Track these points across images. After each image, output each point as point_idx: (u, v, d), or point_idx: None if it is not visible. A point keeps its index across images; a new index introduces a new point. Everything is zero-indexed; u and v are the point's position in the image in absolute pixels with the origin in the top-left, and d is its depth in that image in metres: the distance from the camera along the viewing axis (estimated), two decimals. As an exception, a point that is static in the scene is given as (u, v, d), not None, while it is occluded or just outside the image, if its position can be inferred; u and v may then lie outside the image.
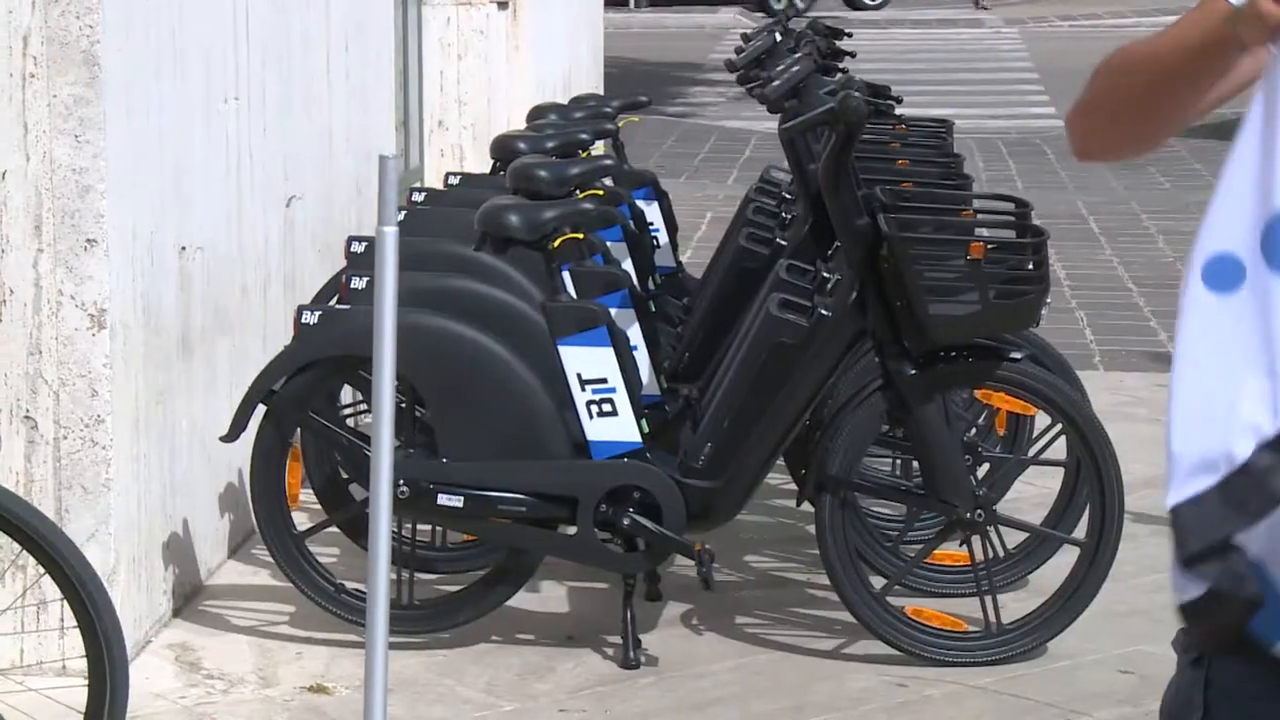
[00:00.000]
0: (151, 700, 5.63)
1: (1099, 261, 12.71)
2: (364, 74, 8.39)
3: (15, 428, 5.62)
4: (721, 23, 31.98)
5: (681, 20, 34.76)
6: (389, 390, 3.60)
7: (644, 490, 6.01)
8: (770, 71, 6.95)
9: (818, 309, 6.02)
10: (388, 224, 3.52)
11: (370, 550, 3.64)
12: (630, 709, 5.76)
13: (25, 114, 5.52)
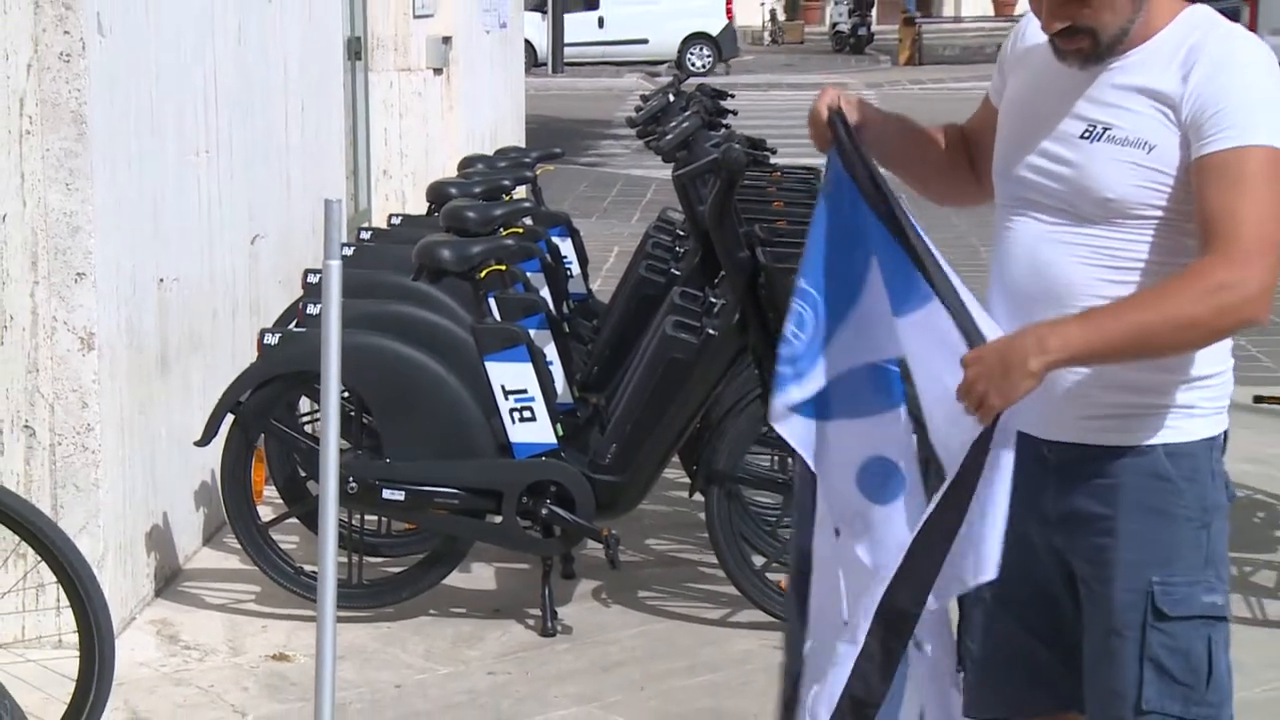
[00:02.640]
0: (136, 669, 5.60)
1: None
2: (318, 130, 8.35)
3: (16, 435, 5.57)
4: (626, 86, 32.03)
5: (592, 84, 34.84)
6: (335, 399, 3.57)
7: (559, 485, 6.01)
8: (664, 127, 6.94)
9: (706, 329, 6.02)
10: (333, 258, 3.51)
11: (320, 537, 3.61)
12: (548, 671, 5.75)
13: (22, 165, 5.47)
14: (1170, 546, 3.15)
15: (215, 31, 6.72)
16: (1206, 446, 3.19)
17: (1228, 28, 3.10)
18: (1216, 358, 3.16)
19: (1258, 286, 2.91)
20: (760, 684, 5.61)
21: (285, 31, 7.69)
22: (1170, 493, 3.14)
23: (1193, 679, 3.15)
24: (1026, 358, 2.90)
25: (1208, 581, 3.16)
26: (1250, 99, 2.97)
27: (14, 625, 5.06)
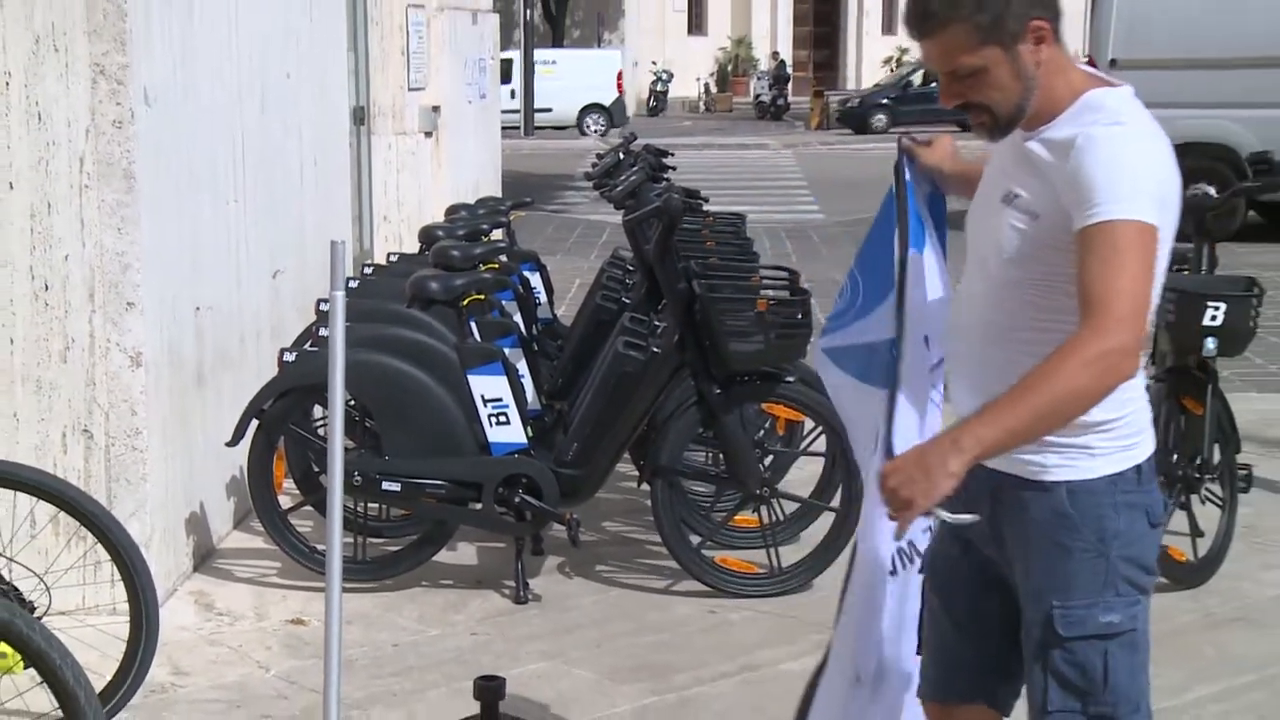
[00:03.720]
0: (177, 632, 5.58)
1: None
2: (328, 183, 8.33)
3: (76, 438, 5.55)
4: (585, 146, 32.02)
5: (557, 145, 34.88)
6: (340, 407, 3.56)
7: (529, 477, 6.01)
8: (616, 180, 6.95)
9: (651, 348, 6.03)
10: (338, 290, 3.51)
11: (329, 521, 3.60)
12: (521, 632, 5.75)
13: (82, 213, 5.45)
14: (1068, 576, 3.08)
15: (242, 101, 6.71)
16: (1110, 483, 3.08)
17: (1115, 111, 2.99)
18: (1116, 404, 3.02)
19: (1130, 349, 2.85)
20: (698, 643, 5.63)
21: (301, 101, 7.68)
22: (1068, 528, 3.07)
23: (1090, 686, 3.10)
24: (946, 460, 2.81)
25: (1106, 602, 3.07)
26: (1119, 175, 2.87)
27: (75, 596, 5.03)
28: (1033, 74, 2.99)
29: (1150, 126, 3.01)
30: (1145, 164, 2.93)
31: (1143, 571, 3.15)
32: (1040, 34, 2.97)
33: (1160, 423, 6.25)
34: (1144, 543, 3.14)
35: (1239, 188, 7.63)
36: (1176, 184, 3.01)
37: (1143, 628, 3.17)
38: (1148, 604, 3.18)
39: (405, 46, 11.27)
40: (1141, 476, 3.13)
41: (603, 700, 5.12)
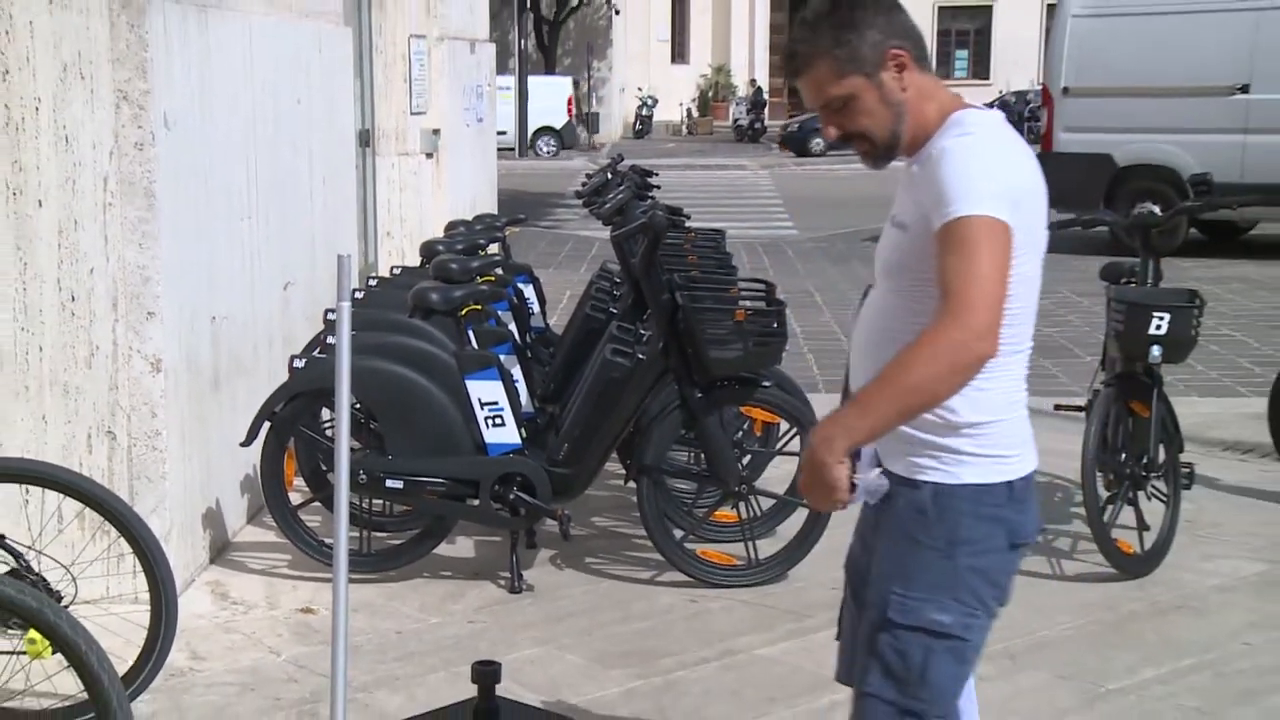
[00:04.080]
0: (194, 619, 5.58)
1: (820, 322, 12.82)
2: (336, 201, 8.34)
3: (100, 439, 5.55)
4: (576, 167, 32.00)
5: (549, 165, 34.91)
6: (346, 410, 3.57)
7: (523, 475, 6.01)
8: (604, 198, 6.97)
9: (637, 355, 6.05)
10: (344, 301, 3.52)
11: (336, 516, 3.60)
12: (516, 620, 5.75)
13: (106, 230, 5.45)
14: (913, 568, 3.03)
15: (256, 125, 6.71)
16: (974, 492, 3.01)
17: (970, 125, 2.96)
18: (985, 408, 2.99)
19: (981, 331, 2.79)
20: (680, 630, 5.63)
21: (311, 125, 7.69)
22: (923, 525, 3.02)
23: (907, 677, 3.02)
24: (824, 459, 2.87)
25: (941, 602, 3.00)
26: (968, 177, 2.84)
27: (100, 586, 5.03)
28: (899, 99, 2.98)
29: (1002, 137, 2.98)
30: (992, 167, 2.90)
31: (989, 586, 3.06)
32: (899, 61, 2.96)
33: (1110, 425, 6.29)
34: (997, 559, 3.06)
35: (1181, 207, 7.67)
36: (1031, 187, 2.98)
37: (975, 643, 3.09)
38: (987, 624, 3.10)
39: (407, 74, 11.27)
40: (1013, 494, 3.05)
41: (592, 684, 5.12)
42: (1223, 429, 8.71)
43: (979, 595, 3.04)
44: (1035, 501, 3.15)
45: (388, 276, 8.09)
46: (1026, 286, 2.98)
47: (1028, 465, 3.09)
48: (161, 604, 4.66)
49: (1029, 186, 2.97)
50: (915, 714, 3.05)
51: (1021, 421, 3.09)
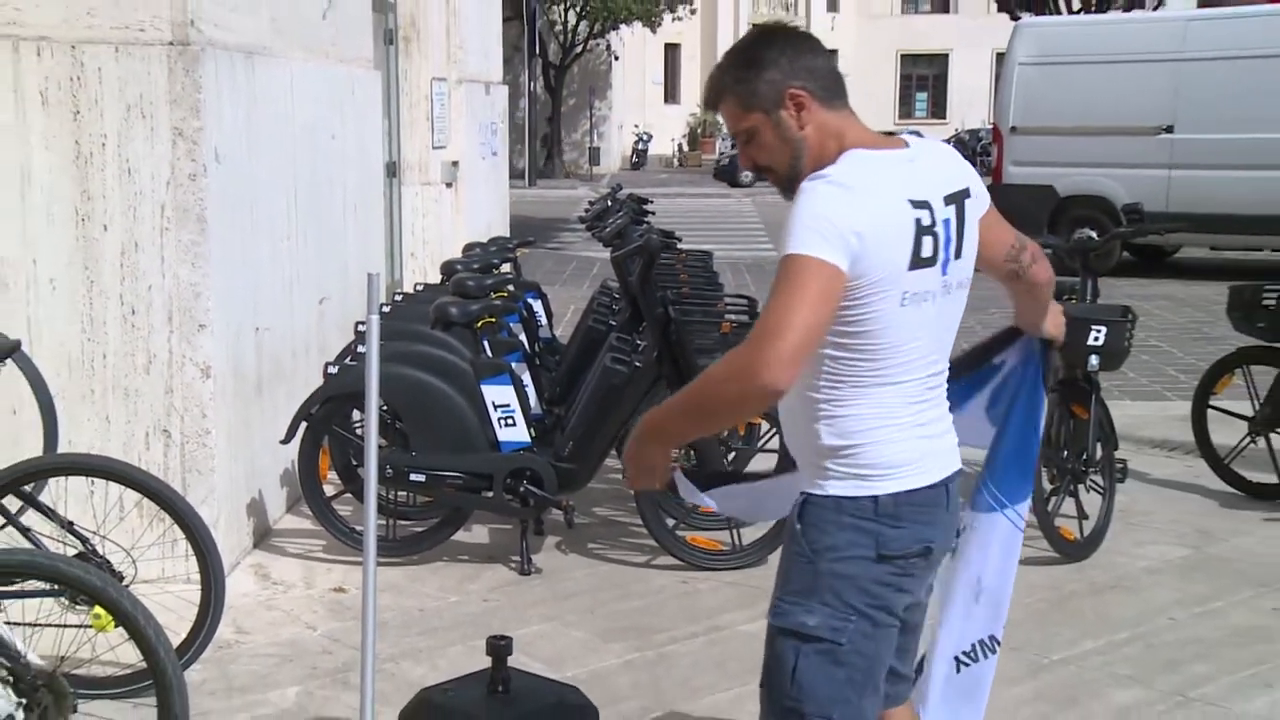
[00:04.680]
0: (240, 598, 5.57)
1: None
2: (366, 225, 8.33)
3: (157, 437, 5.55)
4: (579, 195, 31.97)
5: (557, 193, 34.86)
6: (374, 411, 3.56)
7: (532, 470, 6.00)
8: (605, 223, 6.97)
9: (634, 362, 6.04)
10: (373, 314, 3.52)
11: (365, 506, 3.60)
12: (526, 599, 5.74)
13: (163, 251, 5.46)
14: (789, 573, 2.92)
15: (296, 158, 6.71)
16: (836, 503, 2.86)
17: (833, 167, 2.79)
18: (846, 434, 2.86)
19: (769, 360, 2.62)
20: (672, 608, 5.62)
21: (344, 157, 7.68)
22: (792, 533, 2.92)
23: (780, 677, 2.90)
24: (638, 450, 2.98)
25: (807, 605, 2.86)
26: (805, 217, 2.71)
27: (156, 568, 5.03)
28: (797, 136, 2.87)
29: (851, 179, 2.75)
30: (831, 210, 2.70)
31: (859, 593, 2.87)
32: (798, 100, 2.84)
33: (1053, 425, 6.29)
34: (862, 566, 2.87)
35: (1115, 233, 7.69)
36: (883, 227, 2.73)
37: (851, 646, 2.88)
38: (865, 629, 2.88)
39: (430, 113, 11.27)
40: (879, 508, 2.87)
41: (594, 656, 5.12)
42: (1152, 429, 8.73)
43: (846, 600, 2.87)
44: (929, 518, 2.93)
45: (412, 292, 8.09)
46: (889, 322, 2.79)
47: (904, 484, 2.89)
48: (211, 584, 4.66)
49: (878, 227, 2.72)
50: (793, 713, 2.91)
51: (898, 444, 2.89)
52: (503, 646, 4.39)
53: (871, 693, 2.94)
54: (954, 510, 3.03)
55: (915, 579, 2.96)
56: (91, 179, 5.40)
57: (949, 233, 2.85)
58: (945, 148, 3.01)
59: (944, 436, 3.01)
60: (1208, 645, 5.32)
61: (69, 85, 5.36)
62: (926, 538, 2.93)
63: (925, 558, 2.95)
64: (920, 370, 2.90)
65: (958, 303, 2.95)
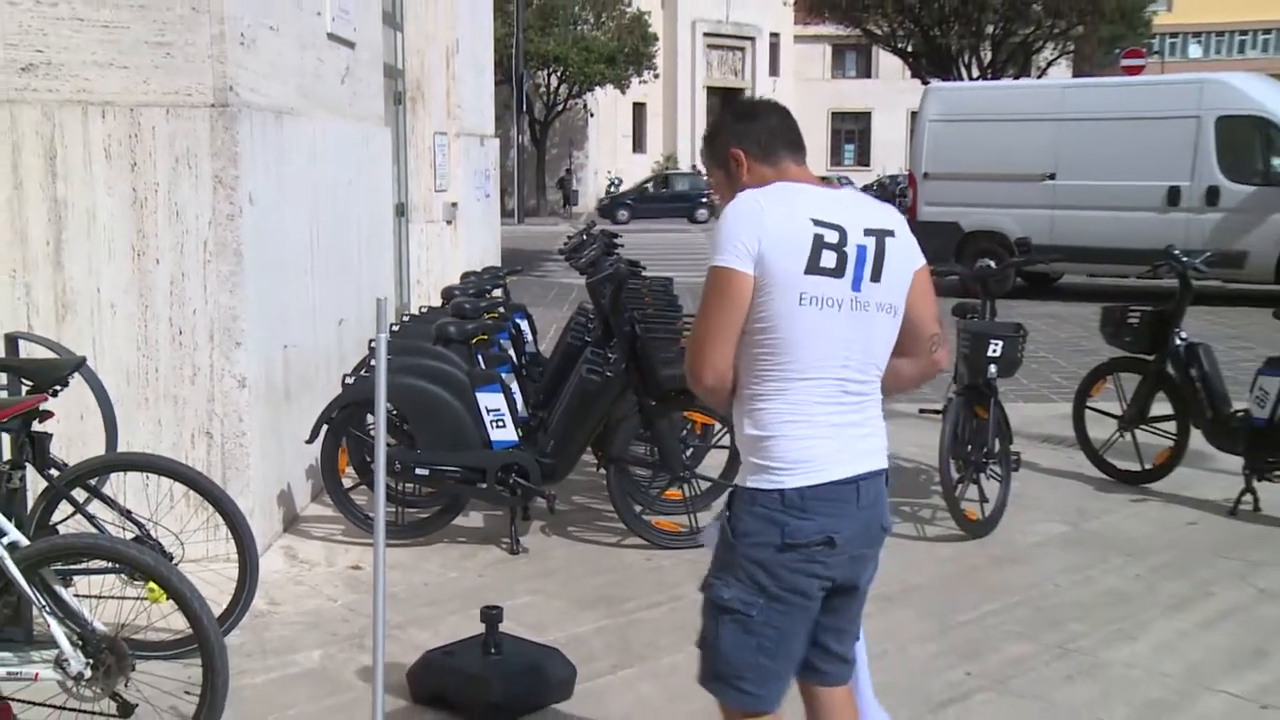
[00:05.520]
0: (271, 574, 5.55)
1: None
2: (378, 257, 8.31)
3: (201, 438, 5.52)
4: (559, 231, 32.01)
5: (541, 230, 34.85)
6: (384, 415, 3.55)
7: (520, 465, 6.00)
8: (581, 254, 6.96)
9: (606, 372, 6.05)
10: (382, 333, 3.51)
11: (376, 496, 3.59)
12: (515, 574, 5.72)
13: (205, 281, 5.43)
14: (718, 552, 2.90)
15: (318, 200, 6.69)
16: (749, 494, 2.82)
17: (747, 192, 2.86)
18: (761, 426, 2.82)
19: (692, 356, 2.81)
20: (639, 581, 5.61)
21: (359, 199, 7.66)
22: (724, 518, 2.88)
23: (704, 640, 2.89)
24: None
25: (725, 580, 2.83)
26: (715, 233, 2.81)
27: (201, 549, 4.99)
28: (741, 184, 2.94)
29: (761, 199, 2.81)
30: (734, 223, 2.78)
31: (766, 575, 2.81)
32: (737, 159, 2.97)
33: (959, 424, 6.32)
34: (769, 553, 2.80)
35: (1009, 262, 7.76)
36: (781, 234, 2.76)
37: (762, 619, 2.82)
38: (774, 608, 2.82)
39: (433, 161, 11.25)
40: (785, 501, 2.79)
41: (572, 622, 5.11)
42: (1040, 426, 8.78)
43: (756, 580, 2.82)
44: (835, 511, 2.83)
45: (417, 314, 8.07)
46: (787, 317, 2.77)
47: (810, 479, 2.80)
48: (246, 563, 4.64)
49: (777, 234, 2.75)
50: (713, 674, 2.89)
51: (807, 441, 2.82)
52: (495, 615, 4.41)
53: (783, 658, 2.89)
54: (869, 506, 2.89)
55: (824, 565, 2.84)
56: (146, 220, 5.38)
57: (863, 256, 2.83)
58: (878, 203, 3.02)
59: (865, 439, 2.91)
60: (1084, 606, 5.36)
61: (128, 141, 5.35)
62: (830, 529, 2.81)
63: (829, 547, 2.83)
64: (831, 372, 2.82)
65: (883, 324, 2.88)
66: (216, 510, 4.63)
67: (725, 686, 2.89)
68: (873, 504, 2.90)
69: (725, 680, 2.88)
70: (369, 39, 8.05)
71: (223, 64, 5.35)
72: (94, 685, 3.62)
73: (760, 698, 2.89)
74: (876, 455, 2.93)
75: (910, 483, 7.24)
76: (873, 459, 2.92)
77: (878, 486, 2.92)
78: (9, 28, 5.26)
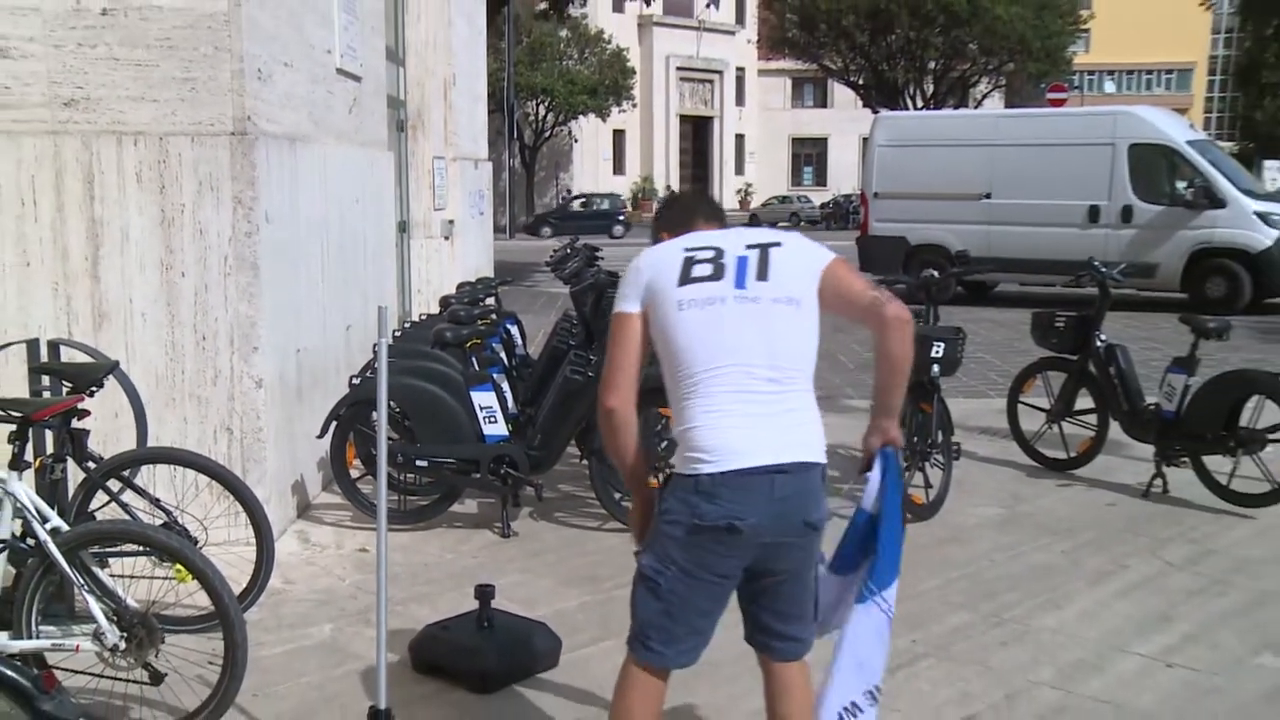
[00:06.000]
0: (287, 556, 5.55)
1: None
2: (382, 269, 8.30)
3: (222, 434, 5.51)
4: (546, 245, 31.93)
5: (531, 245, 34.77)
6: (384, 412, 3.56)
7: (510, 457, 6.01)
8: (565, 267, 6.98)
9: (588, 373, 6.05)
10: (383, 338, 3.52)
11: (378, 486, 3.60)
12: (505, 556, 5.73)
13: (226, 292, 5.43)
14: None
15: (328, 219, 6.69)
16: (675, 478, 2.86)
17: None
18: (682, 419, 2.86)
19: (600, 389, 2.99)
20: (618, 561, 5.59)
21: (365, 216, 7.66)
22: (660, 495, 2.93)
23: (630, 600, 2.97)
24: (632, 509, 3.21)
25: (648, 551, 2.90)
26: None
27: (223, 533, 4.99)
28: None
29: (653, 254, 3.00)
30: (628, 274, 3.00)
31: (677, 549, 2.82)
32: (662, 238, 3.13)
33: (907, 417, 6.34)
34: (681, 531, 2.81)
35: (950, 272, 7.79)
36: (655, 265, 2.95)
37: (668, 588, 2.84)
38: (681, 578, 2.83)
39: (432, 182, 11.24)
40: (698, 486, 2.77)
41: (558, 598, 5.13)
42: (978, 420, 8.83)
43: (668, 554, 2.83)
44: (744, 500, 2.76)
45: (418, 321, 8.09)
46: (672, 324, 2.86)
47: (721, 467, 2.76)
48: (263, 546, 4.65)
49: (654, 267, 2.94)
50: (631, 627, 2.96)
51: (721, 431, 2.79)
52: (487, 592, 4.43)
53: (684, 624, 2.89)
54: (783, 499, 2.78)
55: (727, 548, 2.80)
56: (173, 237, 5.38)
57: (744, 263, 2.90)
58: (773, 230, 3.11)
59: (789, 431, 2.81)
60: (1016, 579, 5.40)
61: (157, 167, 5.35)
62: (735, 515, 2.76)
63: (733, 534, 2.77)
64: (730, 360, 2.82)
65: (782, 314, 2.86)
66: (236, 499, 4.63)
67: (634, 640, 2.97)
68: (789, 497, 2.79)
69: (635, 635, 2.97)
70: (374, 73, 8.05)
71: (242, 97, 5.36)
72: (128, 656, 3.64)
73: (661, 655, 2.94)
74: (802, 448, 2.82)
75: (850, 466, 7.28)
76: (796, 451, 2.81)
77: (801, 481, 2.81)
78: (55, 68, 5.28)
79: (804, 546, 2.91)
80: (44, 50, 5.27)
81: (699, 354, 2.85)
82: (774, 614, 3.01)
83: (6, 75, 5.27)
